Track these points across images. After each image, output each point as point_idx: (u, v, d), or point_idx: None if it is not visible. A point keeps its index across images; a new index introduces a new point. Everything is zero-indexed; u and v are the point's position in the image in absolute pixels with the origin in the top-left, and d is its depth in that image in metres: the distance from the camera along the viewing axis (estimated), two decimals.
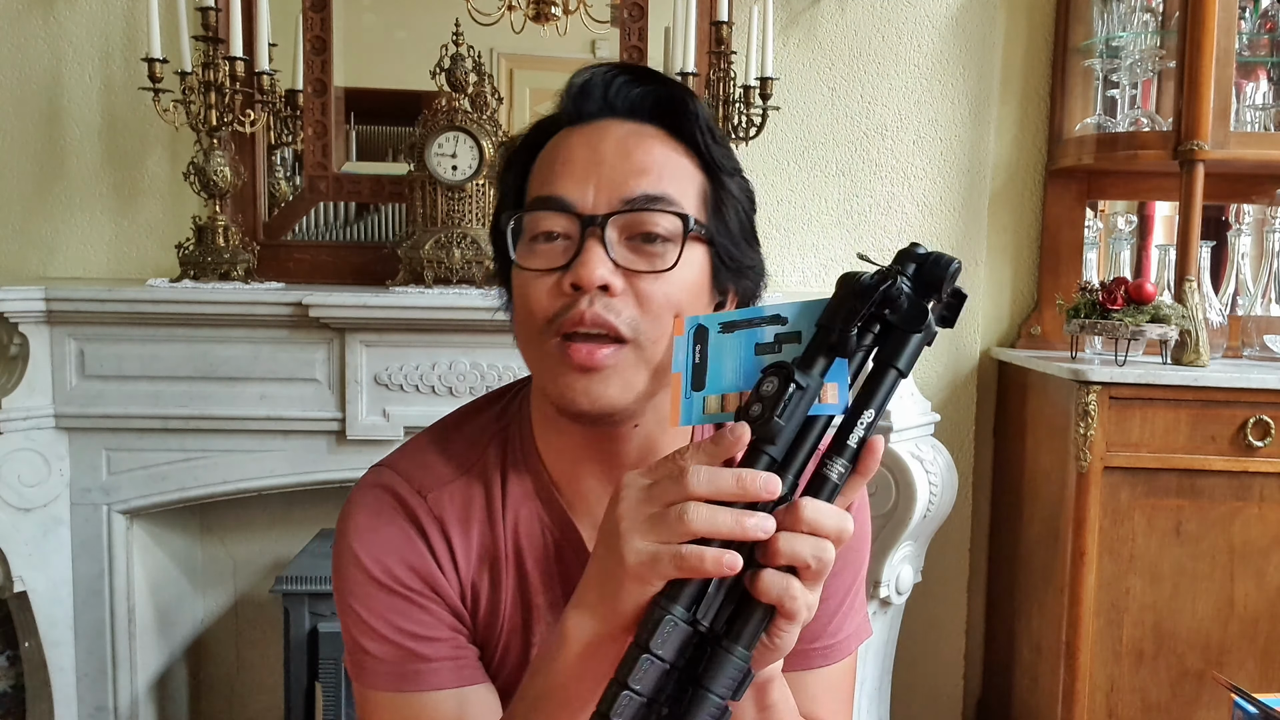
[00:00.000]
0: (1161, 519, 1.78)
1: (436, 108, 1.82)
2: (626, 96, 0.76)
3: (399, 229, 2.04)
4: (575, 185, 0.73)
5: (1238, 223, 2.08)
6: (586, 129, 0.76)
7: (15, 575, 1.74)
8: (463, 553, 0.79)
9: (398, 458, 0.84)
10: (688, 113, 0.76)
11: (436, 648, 0.77)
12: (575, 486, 0.81)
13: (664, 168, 0.74)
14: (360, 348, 1.78)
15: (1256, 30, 2.00)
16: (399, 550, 0.77)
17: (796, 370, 0.58)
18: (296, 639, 1.77)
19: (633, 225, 0.72)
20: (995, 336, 2.24)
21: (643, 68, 0.79)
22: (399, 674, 0.76)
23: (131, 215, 2.06)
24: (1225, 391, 1.75)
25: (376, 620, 0.77)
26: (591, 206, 0.72)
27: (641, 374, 0.73)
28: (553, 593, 0.81)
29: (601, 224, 0.71)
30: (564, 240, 0.73)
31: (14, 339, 1.76)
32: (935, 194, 2.18)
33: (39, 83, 2.02)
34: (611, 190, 0.72)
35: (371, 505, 0.80)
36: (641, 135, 0.75)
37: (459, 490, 0.80)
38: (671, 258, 0.73)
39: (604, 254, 0.71)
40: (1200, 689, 1.80)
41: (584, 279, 0.70)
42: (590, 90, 0.77)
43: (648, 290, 0.72)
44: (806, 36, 2.14)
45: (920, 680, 2.25)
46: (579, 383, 0.72)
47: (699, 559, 0.56)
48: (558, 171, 0.74)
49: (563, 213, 0.72)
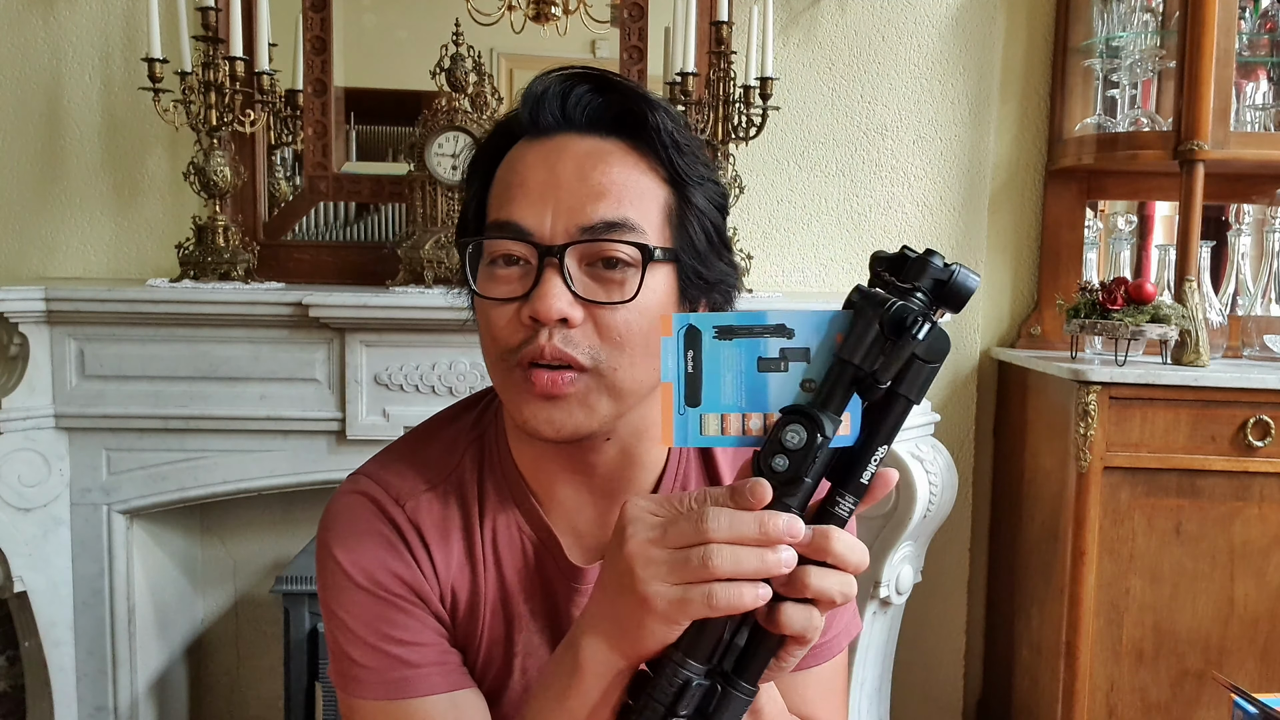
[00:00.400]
0: (1161, 519, 1.78)
1: (436, 108, 1.82)
2: (585, 108, 0.73)
3: (399, 229, 2.04)
4: (532, 211, 0.71)
5: (1238, 223, 2.08)
6: (544, 146, 0.73)
7: (15, 575, 1.74)
8: (442, 561, 0.79)
9: (375, 467, 0.83)
10: (648, 125, 0.73)
11: (424, 653, 0.76)
12: (551, 495, 0.80)
13: (624, 189, 0.72)
14: (360, 348, 1.78)
15: (1256, 30, 2.00)
16: (381, 556, 0.77)
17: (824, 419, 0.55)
18: (296, 639, 1.77)
19: (592, 253, 0.71)
20: (995, 336, 2.24)
21: (603, 75, 0.75)
22: (387, 681, 0.76)
23: (131, 215, 2.06)
24: (1225, 391, 1.75)
25: (362, 627, 0.76)
26: (549, 234, 0.70)
27: (604, 399, 0.72)
28: (534, 601, 0.81)
29: (559, 254, 0.69)
30: (523, 265, 0.72)
31: (14, 339, 1.75)
32: (935, 194, 2.18)
33: (39, 83, 2.03)
34: (569, 217, 0.70)
35: (351, 513, 0.79)
36: (600, 154, 0.72)
37: (436, 499, 0.80)
38: (632, 286, 0.71)
39: (562, 285, 0.69)
40: (1200, 689, 1.80)
41: (541, 313, 0.69)
42: (547, 101, 0.74)
43: (608, 320, 0.71)
44: (806, 36, 2.14)
45: (920, 680, 2.25)
46: (542, 411, 0.71)
47: (738, 596, 0.56)
48: (514, 195, 0.72)
49: (520, 240, 0.71)
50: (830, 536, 0.57)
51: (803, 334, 0.57)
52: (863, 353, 0.55)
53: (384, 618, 0.76)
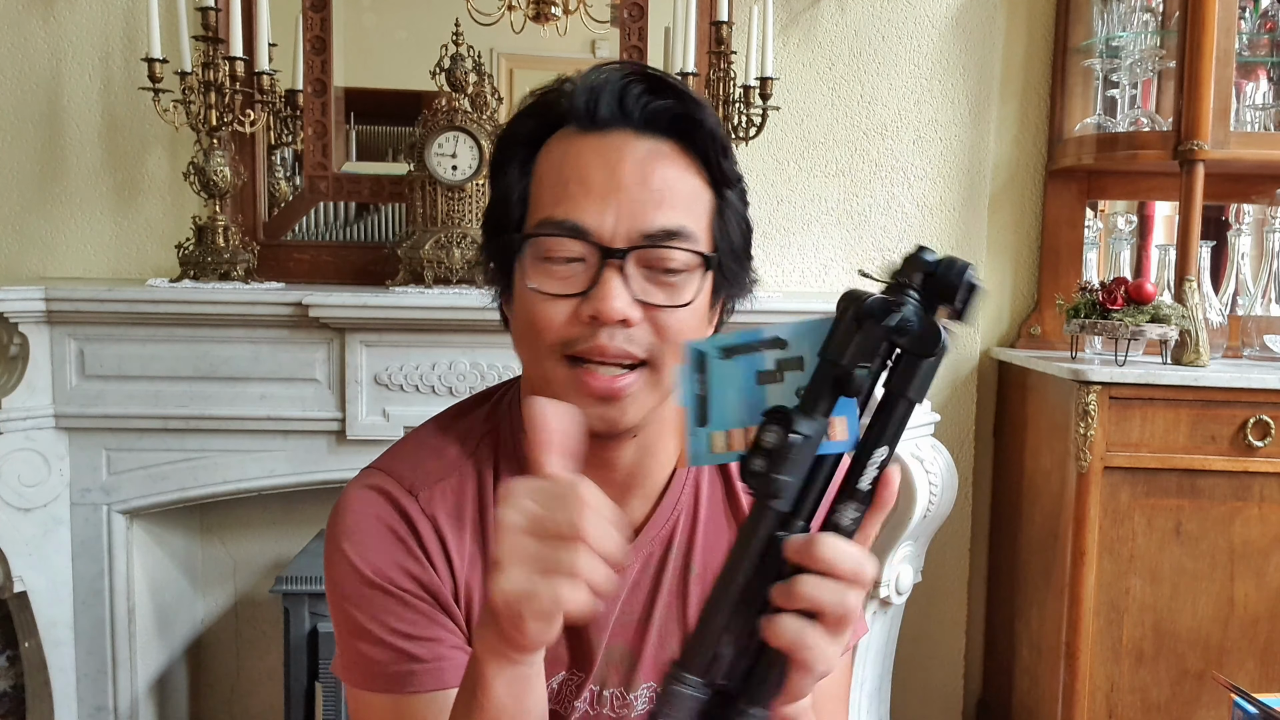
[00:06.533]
0: (1161, 519, 1.78)
1: (436, 108, 1.82)
2: (644, 108, 0.74)
3: (399, 229, 2.04)
4: (594, 211, 0.72)
5: (1238, 223, 2.08)
6: (601, 142, 0.74)
7: (15, 575, 1.74)
8: (456, 550, 0.78)
9: (388, 459, 0.83)
10: (704, 131, 0.75)
11: (430, 648, 0.76)
12: None
13: (680, 194, 0.74)
14: (360, 348, 1.78)
15: (1256, 30, 2.00)
16: (390, 552, 0.77)
17: (798, 417, 0.54)
18: (296, 639, 1.77)
19: (651, 259, 0.73)
20: (995, 336, 2.24)
21: (656, 75, 0.76)
22: (392, 675, 0.76)
23: (131, 215, 2.06)
24: (1225, 391, 1.75)
25: (370, 622, 0.76)
26: (610, 236, 0.72)
27: (652, 395, 0.75)
28: None
29: (622, 257, 0.71)
30: (579, 264, 0.72)
31: (14, 339, 1.75)
32: (935, 194, 2.18)
33: (39, 83, 2.02)
34: (631, 221, 0.72)
35: (362, 507, 0.79)
36: (658, 156, 0.74)
37: (450, 488, 0.80)
38: (688, 291, 0.74)
39: (624, 287, 0.71)
40: (1200, 689, 1.80)
41: (604, 314, 0.71)
42: (605, 95, 0.74)
43: (664, 320, 0.73)
44: (806, 36, 2.14)
45: (920, 680, 2.25)
46: (595, 409, 0.72)
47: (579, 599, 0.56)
48: (573, 192, 0.72)
49: (581, 240, 0.72)
50: (815, 541, 0.55)
51: (795, 343, 0.57)
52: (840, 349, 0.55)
53: (393, 613, 0.76)
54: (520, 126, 0.78)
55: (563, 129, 0.76)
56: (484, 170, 1.80)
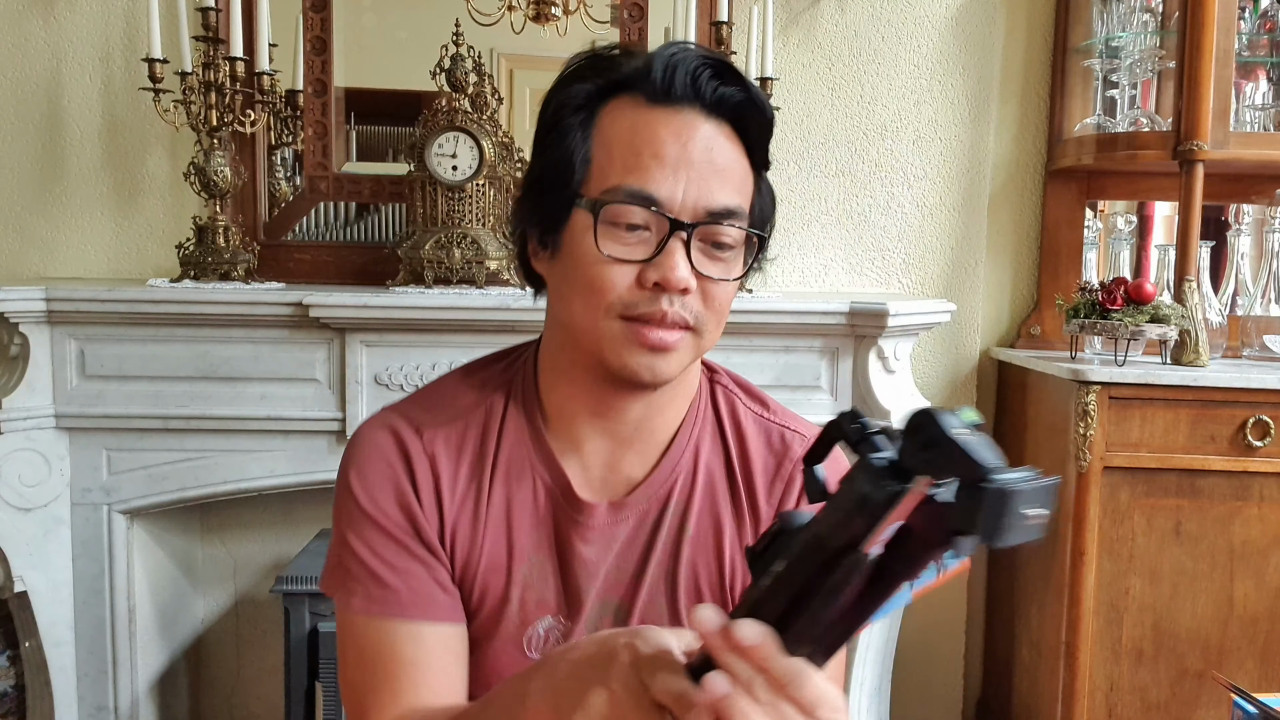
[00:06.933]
0: (1161, 519, 1.78)
1: (436, 108, 1.82)
2: (714, 91, 0.78)
3: (399, 229, 2.04)
4: (666, 185, 0.76)
5: (1237, 223, 2.08)
6: (673, 118, 0.78)
7: (16, 575, 1.75)
8: (449, 488, 0.85)
9: (407, 401, 0.89)
10: (762, 119, 0.81)
11: (405, 580, 0.83)
12: (571, 434, 0.86)
13: (737, 175, 0.80)
14: (360, 348, 1.78)
15: (1256, 30, 2.00)
16: (385, 487, 0.84)
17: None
18: (296, 639, 1.78)
19: (711, 234, 0.78)
20: (995, 336, 2.25)
21: (724, 62, 0.81)
22: (370, 596, 0.83)
23: (131, 215, 2.06)
24: (1225, 391, 1.75)
25: (361, 547, 0.84)
26: (679, 209, 0.76)
27: (691, 355, 0.81)
28: (538, 533, 0.86)
29: (689, 230, 0.77)
30: (643, 231, 0.77)
31: (14, 339, 1.76)
32: (935, 194, 2.18)
33: (39, 83, 2.03)
34: (698, 197, 0.77)
35: (372, 444, 0.86)
36: (721, 138, 0.79)
37: (456, 431, 0.86)
38: (737, 266, 0.81)
39: (686, 259, 0.77)
40: (1200, 689, 1.80)
41: (672, 283, 0.76)
42: (680, 73, 0.78)
43: (713, 291, 0.79)
44: (806, 36, 2.14)
45: (920, 680, 2.25)
46: (645, 359, 0.78)
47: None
48: (647, 165, 0.76)
49: (651, 208, 0.76)
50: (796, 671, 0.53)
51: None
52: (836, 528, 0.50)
53: (377, 541, 0.83)
54: (576, 90, 0.81)
55: (625, 95, 0.79)
56: (484, 170, 1.81)
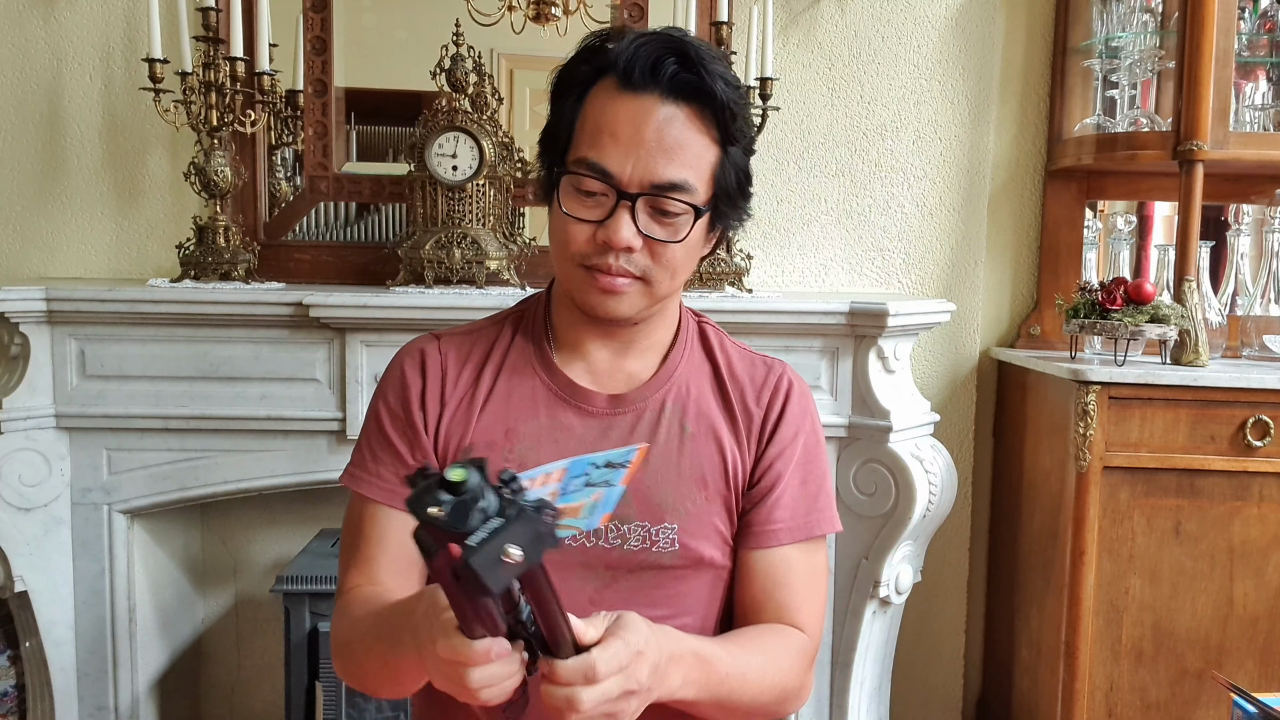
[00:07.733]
0: (1161, 519, 1.78)
1: (436, 108, 1.83)
2: (671, 78, 0.91)
3: (399, 229, 2.04)
4: (617, 159, 0.91)
5: (1237, 223, 2.08)
6: (632, 103, 0.91)
7: (16, 575, 1.75)
8: (452, 380, 1.01)
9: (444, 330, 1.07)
10: (716, 102, 0.92)
11: (378, 466, 1.00)
12: (576, 344, 1.03)
13: (687, 153, 0.92)
14: (361, 348, 1.78)
15: (1256, 30, 2.00)
16: (398, 389, 1.02)
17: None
18: (296, 639, 1.78)
19: (656, 203, 0.92)
20: (995, 336, 2.25)
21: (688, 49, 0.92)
22: (353, 475, 1.02)
23: (132, 215, 2.06)
24: (1224, 391, 1.75)
25: (371, 432, 1.02)
26: (626, 181, 0.91)
27: (646, 299, 0.96)
28: (535, 421, 1.00)
29: (633, 200, 0.91)
30: (601, 197, 0.92)
31: (14, 339, 1.76)
32: (935, 194, 2.18)
33: (39, 83, 2.03)
34: (645, 171, 0.91)
35: (402, 355, 1.04)
36: (675, 120, 0.92)
37: (468, 342, 1.04)
38: (683, 229, 0.94)
39: (631, 223, 0.91)
40: (1200, 689, 1.80)
41: (614, 242, 0.91)
42: (639, 63, 0.91)
43: (660, 250, 0.94)
44: (806, 36, 2.14)
45: (920, 680, 2.25)
46: (599, 299, 0.95)
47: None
48: (604, 142, 0.91)
49: (604, 180, 0.91)
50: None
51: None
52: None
53: (381, 432, 1.01)
54: (578, 68, 0.96)
55: (607, 78, 0.93)
56: (484, 170, 1.81)
